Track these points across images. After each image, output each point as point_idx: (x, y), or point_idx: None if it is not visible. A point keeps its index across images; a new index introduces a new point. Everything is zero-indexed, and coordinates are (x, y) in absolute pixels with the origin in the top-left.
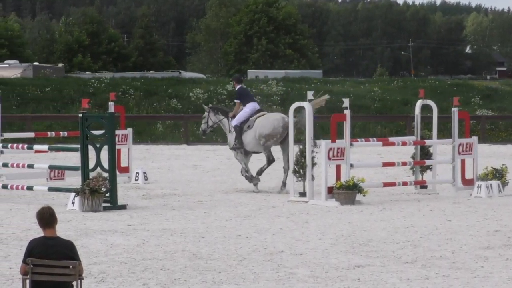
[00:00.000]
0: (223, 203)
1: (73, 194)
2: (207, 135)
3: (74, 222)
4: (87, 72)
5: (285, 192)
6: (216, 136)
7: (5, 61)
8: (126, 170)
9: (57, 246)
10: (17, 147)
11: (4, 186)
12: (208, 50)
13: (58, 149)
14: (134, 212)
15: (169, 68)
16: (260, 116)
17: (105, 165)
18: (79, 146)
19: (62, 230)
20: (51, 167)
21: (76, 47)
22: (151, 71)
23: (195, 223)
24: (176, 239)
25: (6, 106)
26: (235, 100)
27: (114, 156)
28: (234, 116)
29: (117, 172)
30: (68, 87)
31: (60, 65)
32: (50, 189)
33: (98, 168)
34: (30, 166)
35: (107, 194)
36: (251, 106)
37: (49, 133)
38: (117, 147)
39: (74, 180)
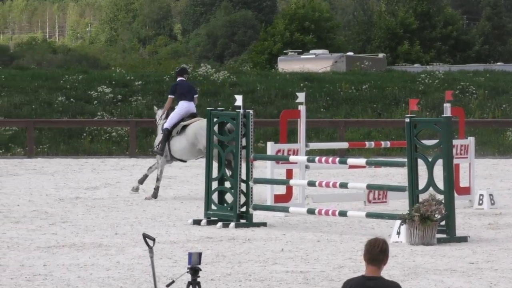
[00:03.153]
0: None
1: (398, 222)
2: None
3: (400, 258)
4: (416, 65)
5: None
6: None
7: (311, 51)
8: (466, 191)
9: None
10: (326, 161)
11: (310, 211)
12: None
13: (378, 164)
14: (477, 246)
15: None
16: (193, 122)
17: (440, 184)
18: (405, 160)
19: (385, 268)
20: (370, 187)
21: (401, 32)
22: (499, 63)
23: None
24: None
25: (313, 108)
26: (169, 95)
27: (451, 174)
28: (166, 114)
29: (455, 194)
30: (391, 83)
31: (380, 55)
32: (369, 215)
33: (431, 189)
34: (343, 185)
35: (443, 223)
36: (183, 107)
37: (367, 143)
38: (455, 161)
39: (399, 204)
